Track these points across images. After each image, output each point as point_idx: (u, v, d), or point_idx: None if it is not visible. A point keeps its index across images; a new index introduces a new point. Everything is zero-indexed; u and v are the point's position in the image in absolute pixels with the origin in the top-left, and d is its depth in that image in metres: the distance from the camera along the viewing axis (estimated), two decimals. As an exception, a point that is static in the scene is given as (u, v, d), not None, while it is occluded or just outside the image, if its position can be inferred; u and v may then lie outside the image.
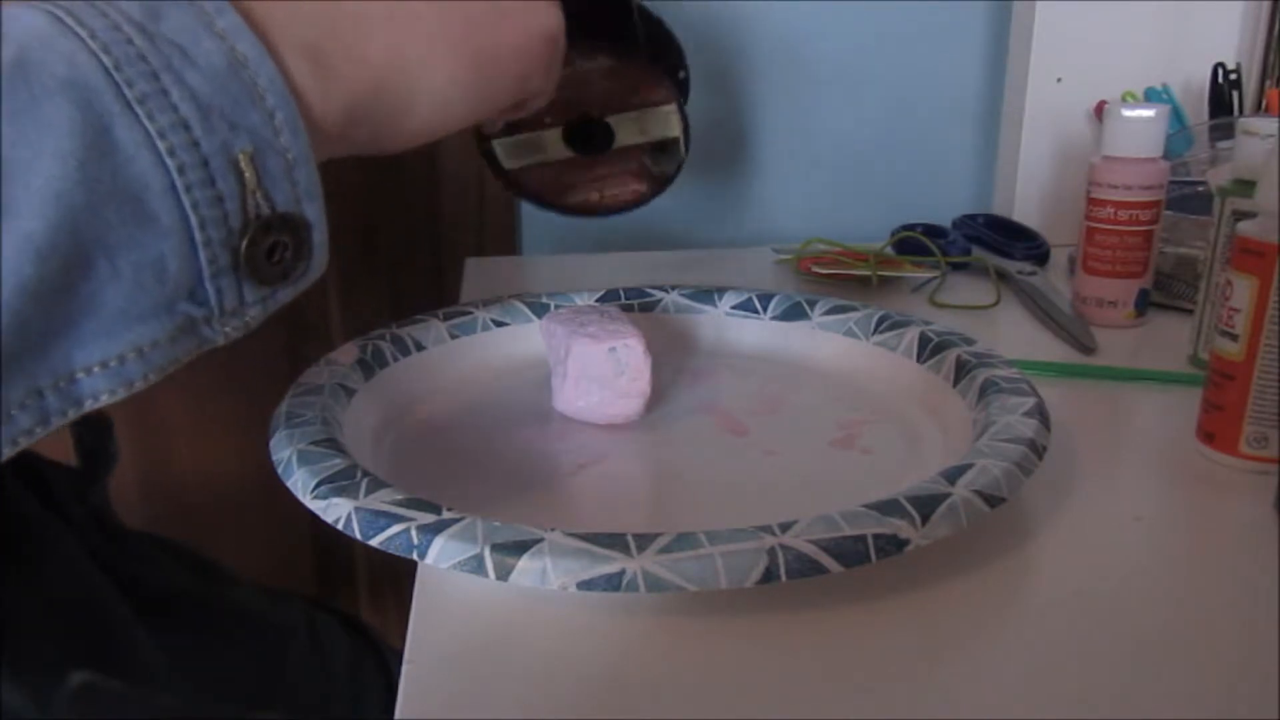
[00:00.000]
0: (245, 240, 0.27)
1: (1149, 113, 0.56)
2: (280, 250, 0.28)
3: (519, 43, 0.34)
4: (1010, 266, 0.67)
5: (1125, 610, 0.32)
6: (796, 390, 0.49)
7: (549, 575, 0.29)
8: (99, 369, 0.26)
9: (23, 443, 0.25)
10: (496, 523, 0.30)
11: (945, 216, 0.76)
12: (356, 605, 0.96)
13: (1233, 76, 0.73)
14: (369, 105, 0.31)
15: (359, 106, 0.31)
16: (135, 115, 0.24)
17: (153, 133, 0.25)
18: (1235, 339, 0.40)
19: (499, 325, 0.52)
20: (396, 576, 0.95)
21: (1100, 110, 0.73)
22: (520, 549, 0.29)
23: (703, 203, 0.83)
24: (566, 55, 0.39)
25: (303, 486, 0.34)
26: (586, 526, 0.31)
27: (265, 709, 0.57)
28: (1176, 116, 0.74)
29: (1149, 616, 0.31)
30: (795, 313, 0.53)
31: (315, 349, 0.51)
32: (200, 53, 0.26)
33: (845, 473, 0.41)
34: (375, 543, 0.31)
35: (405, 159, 0.64)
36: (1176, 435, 0.44)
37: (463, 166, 0.80)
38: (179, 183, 0.25)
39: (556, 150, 0.59)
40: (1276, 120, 0.48)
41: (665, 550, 0.29)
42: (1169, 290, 0.61)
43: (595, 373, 0.43)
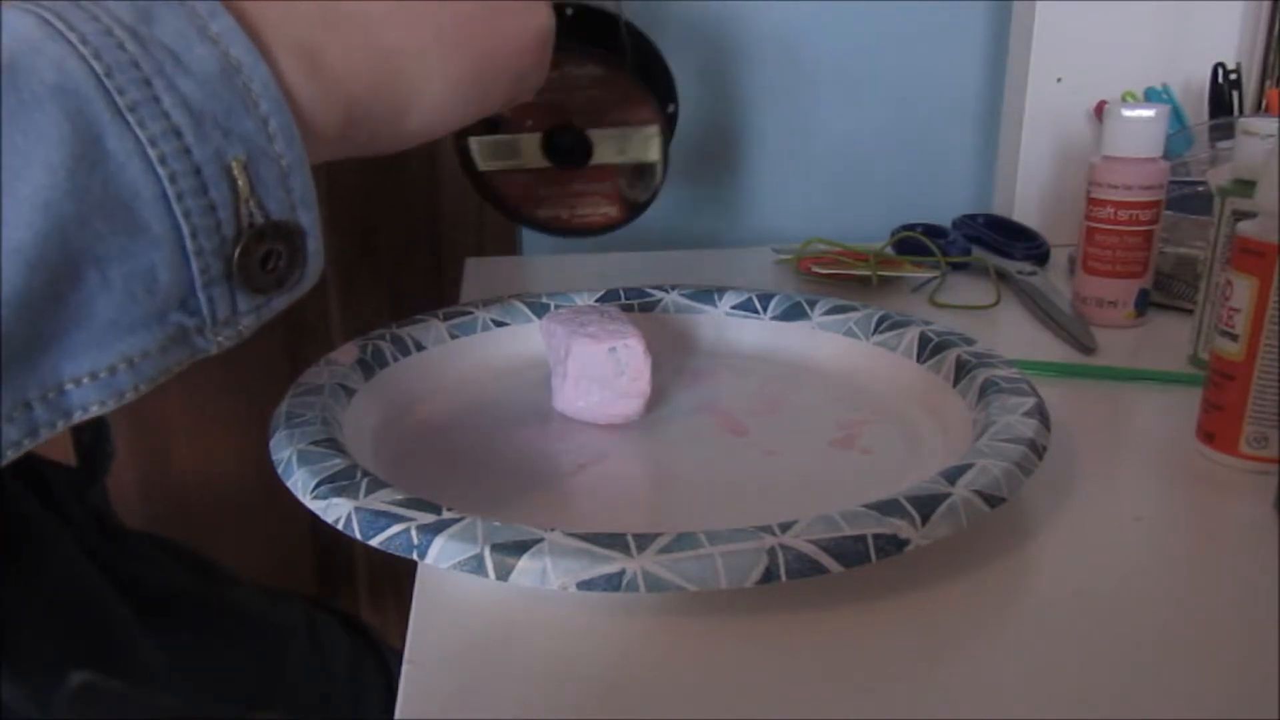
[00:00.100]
0: (238, 249, 0.26)
1: (1149, 113, 0.56)
2: (274, 258, 0.27)
3: (514, 42, 0.34)
4: (1010, 266, 0.67)
5: (1125, 610, 0.32)
6: (796, 390, 0.49)
7: (549, 575, 0.29)
8: (88, 380, 0.25)
9: (10, 455, 0.24)
10: (496, 523, 0.30)
11: (945, 216, 0.76)
12: (356, 605, 0.96)
13: (1233, 76, 0.73)
14: (367, 107, 0.30)
15: (357, 109, 0.30)
16: (126, 123, 0.24)
17: (144, 141, 0.24)
18: (1235, 339, 0.40)
19: (499, 325, 0.52)
20: (396, 576, 0.95)
21: (1100, 110, 0.73)
22: (520, 549, 0.29)
23: (703, 203, 0.83)
24: (556, 58, 0.39)
25: (303, 486, 0.34)
26: (586, 526, 0.31)
27: (265, 709, 0.57)
28: (1176, 116, 0.74)
29: (1149, 616, 0.31)
30: (795, 313, 0.53)
31: (315, 349, 0.51)
32: (193, 58, 0.25)
33: (845, 473, 0.41)
34: (375, 543, 0.31)
35: (405, 159, 0.64)
36: (1176, 435, 0.44)
37: (463, 167, 0.80)
38: (170, 192, 0.25)
39: (533, 158, 0.57)
40: (1276, 120, 0.48)
41: (665, 550, 0.29)
42: (1169, 290, 0.61)
43: (595, 373, 0.43)
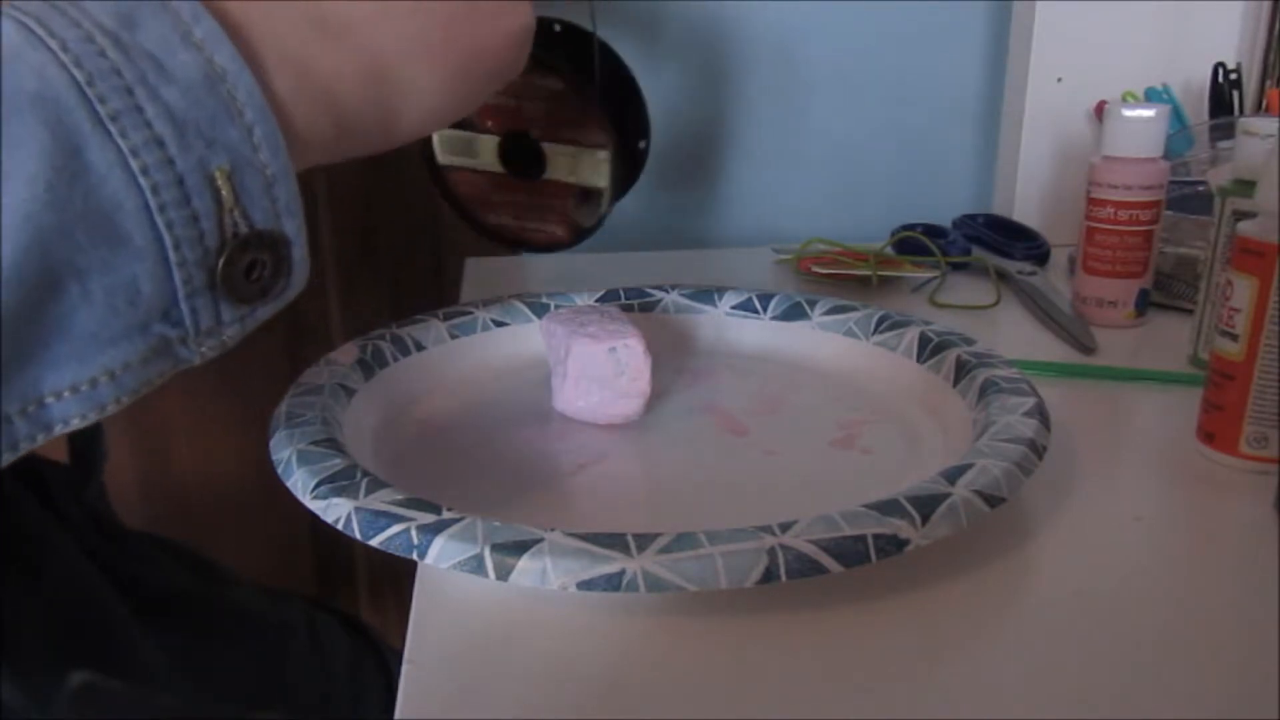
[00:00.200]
0: (222, 259, 0.26)
1: (1149, 113, 0.56)
2: (259, 268, 0.27)
3: (499, 40, 0.34)
4: (1010, 266, 0.67)
5: (1125, 610, 0.32)
6: (796, 390, 0.49)
7: (549, 575, 0.29)
8: (69, 393, 0.24)
9: None
10: (496, 523, 0.30)
11: (945, 216, 0.76)
12: (356, 605, 0.96)
13: (1233, 76, 0.73)
14: (356, 113, 0.30)
15: (345, 115, 0.30)
16: (108, 133, 0.23)
17: (125, 151, 0.23)
18: (1235, 339, 0.40)
19: (499, 325, 0.52)
20: (396, 576, 0.95)
21: (1100, 110, 0.73)
22: (520, 549, 0.29)
23: (703, 203, 0.83)
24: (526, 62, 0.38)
25: (303, 486, 0.34)
26: (586, 526, 0.31)
27: (265, 709, 0.57)
28: (1176, 116, 0.74)
29: (1149, 616, 0.31)
30: (795, 313, 0.53)
31: (315, 349, 0.51)
32: (177, 64, 0.25)
33: (845, 473, 0.41)
34: (375, 543, 0.31)
35: (405, 159, 0.64)
36: (1176, 435, 0.44)
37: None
38: (153, 203, 0.24)
39: (489, 160, 0.57)
40: (1276, 120, 0.48)
41: (665, 550, 0.29)
42: (1169, 290, 0.61)
43: (595, 373, 0.43)
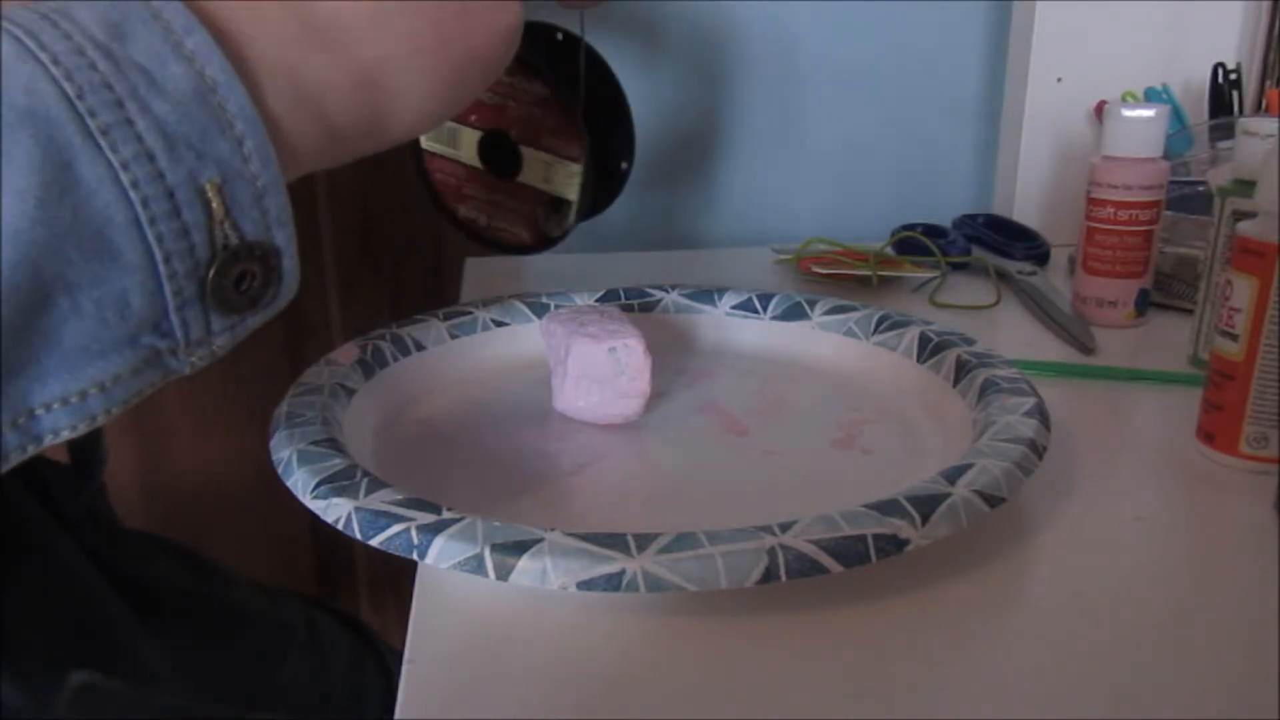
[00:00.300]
0: (212, 271, 0.26)
1: (1149, 113, 0.56)
2: (249, 278, 0.27)
3: (489, 40, 0.33)
4: (1010, 266, 0.67)
5: (1125, 610, 0.32)
6: (796, 390, 0.49)
7: (549, 575, 0.29)
8: (59, 405, 0.24)
9: None
10: (496, 523, 0.30)
11: (945, 216, 0.76)
12: (356, 605, 0.96)
13: (1233, 76, 0.73)
14: (348, 121, 0.30)
15: (337, 124, 0.30)
16: (98, 147, 0.23)
17: (116, 165, 0.23)
18: (1235, 339, 0.40)
19: (499, 325, 0.52)
20: (396, 576, 0.95)
21: (1100, 110, 0.73)
22: (520, 549, 0.29)
23: (703, 203, 0.83)
24: (512, 64, 0.38)
25: (303, 486, 0.34)
26: (586, 526, 0.31)
27: (265, 709, 0.57)
28: (1176, 116, 0.74)
29: (1149, 616, 0.31)
30: (795, 313, 0.53)
31: (315, 349, 0.51)
32: (168, 77, 0.24)
33: (845, 473, 0.41)
34: (375, 543, 0.31)
35: (406, 159, 0.64)
36: (1176, 435, 0.44)
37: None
38: (143, 216, 0.24)
39: (468, 153, 0.57)
40: (1276, 120, 0.48)
41: (665, 550, 0.29)
42: (1169, 290, 0.61)
43: (595, 373, 0.43)
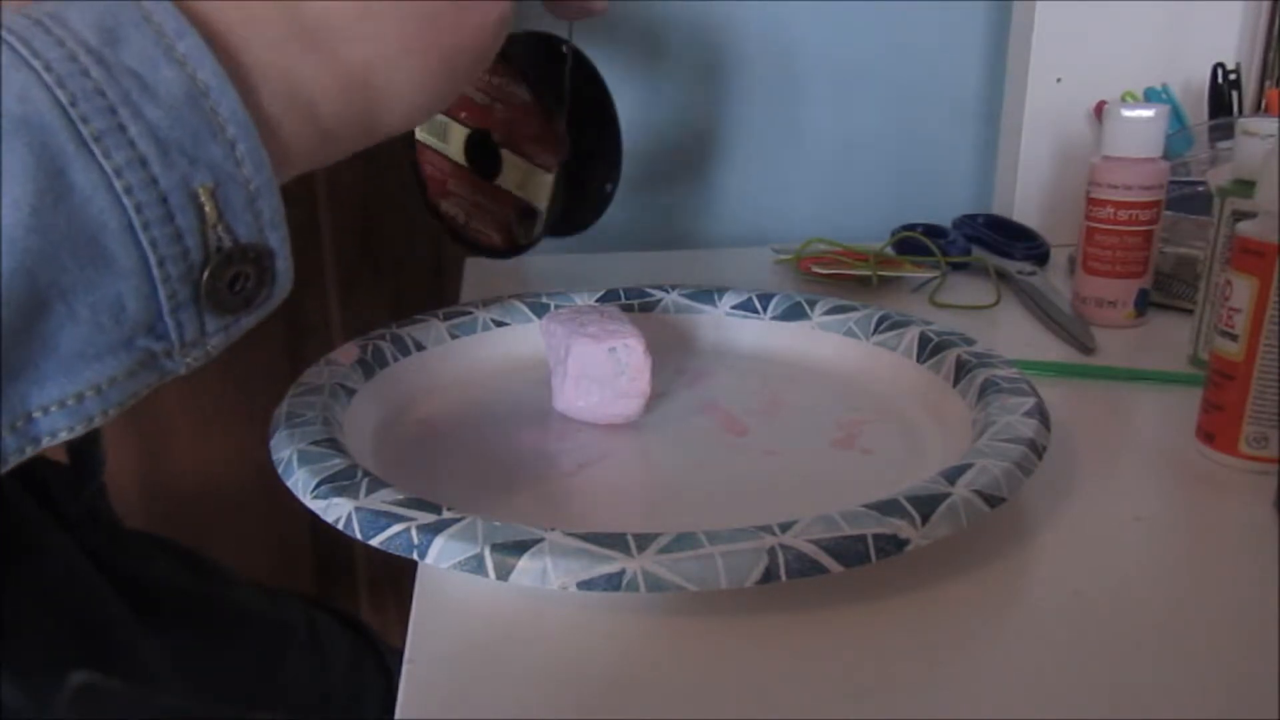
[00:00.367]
0: (206, 274, 0.26)
1: (1149, 113, 0.56)
2: (242, 280, 0.27)
3: (478, 35, 0.33)
4: (1010, 266, 0.67)
5: (1125, 610, 0.32)
6: (796, 390, 0.49)
7: (549, 575, 0.29)
8: (56, 408, 0.25)
9: None
10: (496, 523, 0.30)
11: (945, 216, 0.76)
12: (356, 605, 0.96)
13: (1233, 76, 0.73)
14: (339, 122, 0.30)
15: (328, 125, 0.30)
16: (91, 154, 0.23)
17: (109, 172, 0.24)
18: (1235, 339, 0.40)
19: (499, 325, 0.52)
20: (396, 576, 0.95)
21: (1100, 110, 0.73)
22: (520, 549, 0.29)
23: (702, 203, 0.83)
24: (500, 67, 0.37)
25: (303, 486, 0.34)
26: (586, 526, 0.31)
27: (265, 709, 0.57)
28: (1176, 116, 0.74)
29: (1149, 616, 0.31)
30: (795, 313, 0.53)
31: (315, 349, 0.51)
32: (160, 81, 0.25)
33: (845, 473, 0.41)
34: (375, 543, 0.31)
35: (404, 157, 0.64)
36: (1176, 435, 0.44)
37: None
38: (136, 222, 0.24)
39: (455, 150, 0.58)
40: (1276, 120, 0.48)
41: (665, 550, 0.29)
42: (1169, 290, 0.61)
43: (595, 373, 0.43)
